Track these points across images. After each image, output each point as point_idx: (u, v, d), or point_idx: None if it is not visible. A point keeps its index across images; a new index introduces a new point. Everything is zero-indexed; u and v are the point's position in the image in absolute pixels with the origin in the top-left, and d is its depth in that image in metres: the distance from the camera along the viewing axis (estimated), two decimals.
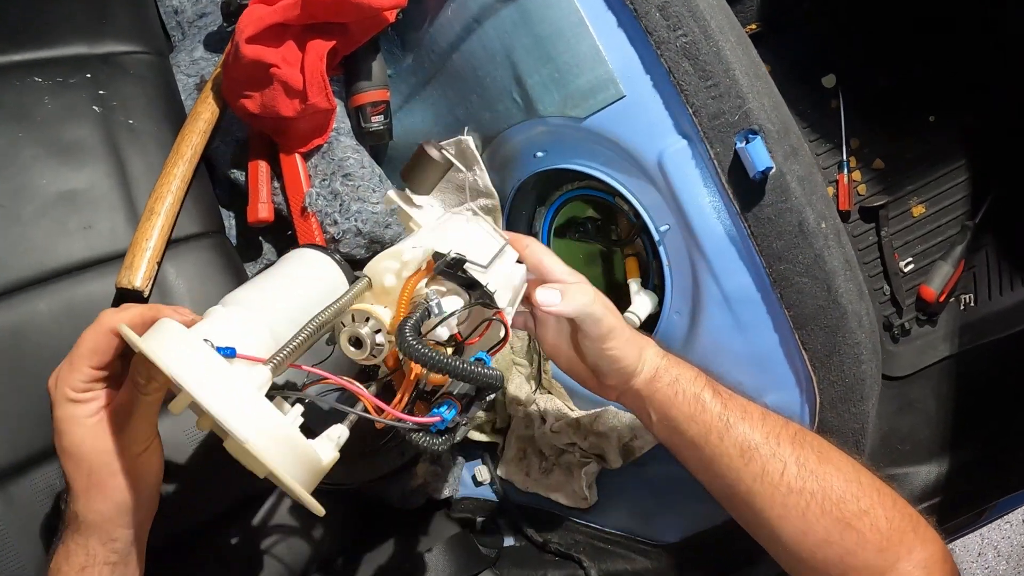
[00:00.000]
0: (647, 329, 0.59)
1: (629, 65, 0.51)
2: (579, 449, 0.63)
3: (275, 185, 0.63)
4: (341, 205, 0.60)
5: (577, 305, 0.42)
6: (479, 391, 0.35)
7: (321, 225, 0.61)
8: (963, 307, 0.70)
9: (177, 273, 0.55)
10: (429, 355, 0.31)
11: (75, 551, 0.36)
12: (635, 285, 0.60)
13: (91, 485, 0.36)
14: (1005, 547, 1.15)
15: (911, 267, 0.73)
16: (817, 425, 0.52)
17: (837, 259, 0.50)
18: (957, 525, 0.57)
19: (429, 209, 0.46)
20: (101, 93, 0.57)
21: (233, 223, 0.69)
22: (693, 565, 0.58)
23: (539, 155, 0.61)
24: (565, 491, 0.64)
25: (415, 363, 0.33)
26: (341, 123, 0.63)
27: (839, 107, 0.76)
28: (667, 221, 0.54)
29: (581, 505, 0.63)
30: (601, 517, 0.63)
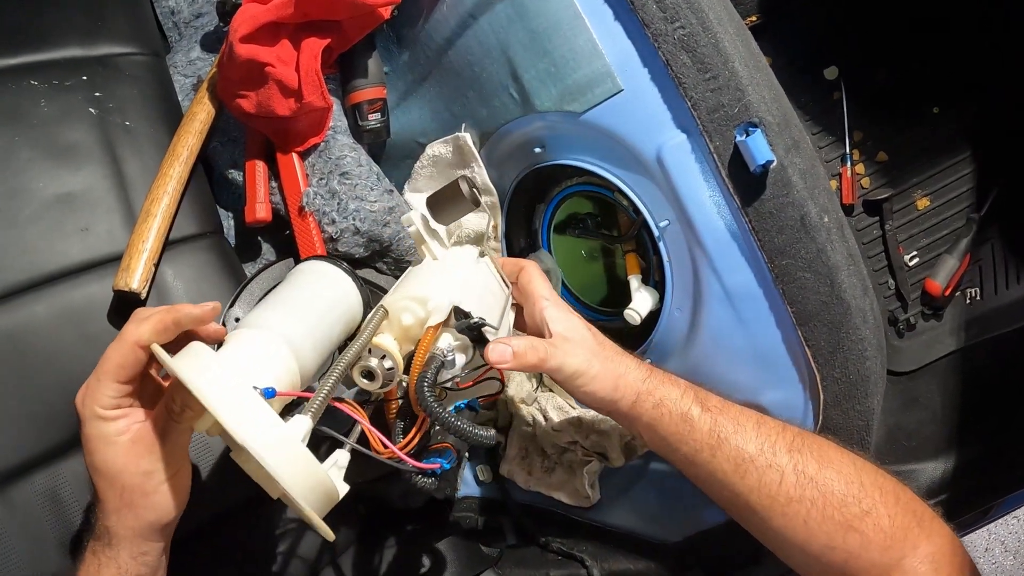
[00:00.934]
0: (648, 326, 0.58)
1: (626, 58, 0.50)
2: (581, 447, 0.62)
3: (273, 185, 0.63)
4: (339, 204, 0.60)
5: (526, 362, 0.41)
6: (470, 445, 0.38)
7: (319, 224, 0.60)
8: (969, 301, 0.69)
9: (175, 274, 0.55)
10: (445, 417, 0.34)
11: (106, 563, 0.37)
12: (635, 281, 0.60)
13: (123, 504, 0.36)
14: (1012, 542, 1.14)
15: (916, 261, 0.72)
16: (821, 423, 0.51)
17: (840, 254, 0.50)
18: (964, 523, 0.56)
19: (442, 231, 0.50)
20: (97, 95, 0.57)
21: (231, 223, 0.69)
22: (697, 564, 0.57)
23: (537, 151, 0.60)
24: (567, 490, 0.63)
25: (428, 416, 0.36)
26: (338, 121, 0.63)
27: (841, 99, 0.75)
28: (667, 216, 0.53)
29: (583, 504, 0.63)
30: (604, 516, 0.63)
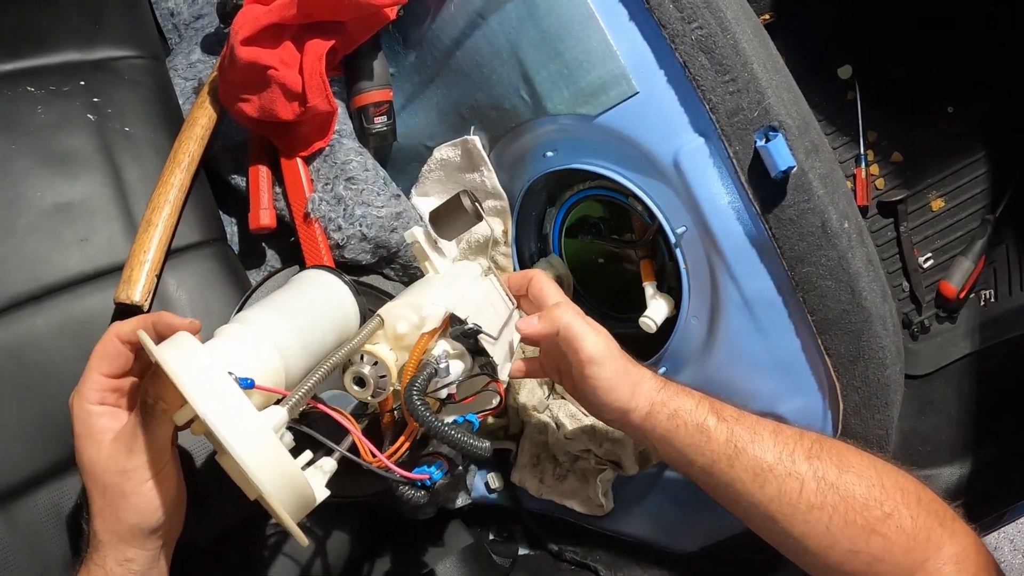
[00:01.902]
0: (663, 334, 0.57)
1: (642, 60, 0.49)
2: (594, 456, 0.61)
3: (277, 190, 0.62)
4: (345, 210, 0.58)
5: (553, 322, 0.43)
6: (464, 457, 0.37)
7: (325, 231, 0.59)
8: (984, 303, 0.68)
9: (178, 284, 0.54)
10: (434, 424, 0.33)
11: (94, 570, 0.36)
12: (651, 289, 0.59)
13: (106, 506, 0.36)
14: (1021, 541, 1.14)
15: (930, 263, 0.71)
16: (840, 432, 0.50)
17: (860, 260, 0.49)
18: (979, 526, 0.55)
19: (444, 247, 0.49)
20: (96, 100, 0.56)
21: (235, 229, 0.67)
22: (713, 575, 0.56)
23: (549, 155, 0.59)
24: (580, 498, 0.63)
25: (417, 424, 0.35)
26: (343, 125, 0.61)
27: (856, 99, 0.74)
28: (684, 223, 0.52)
29: (597, 513, 0.62)
30: (617, 525, 0.62)
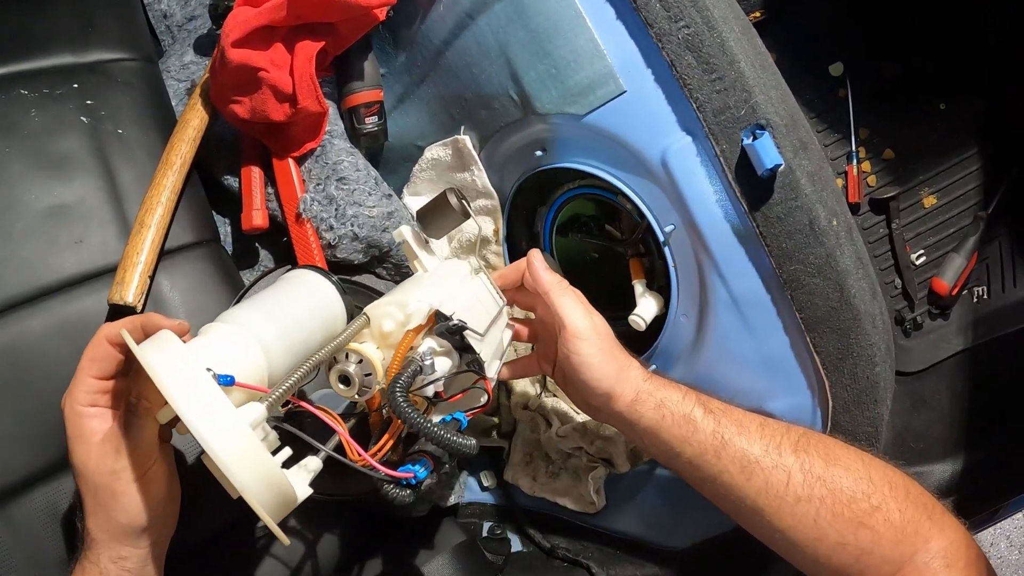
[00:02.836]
0: (652, 332, 0.58)
1: (629, 59, 0.49)
2: (586, 453, 0.62)
3: (270, 191, 0.62)
4: (337, 210, 0.59)
5: (544, 282, 0.45)
6: (451, 455, 0.37)
7: (317, 231, 0.59)
8: (976, 300, 0.68)
9: (171, 285, 0.54)
10: (417, 420, 0.33)
11: (89, 568, 0.37)
12: (640, 287, 0.59)
13: (97, 506, 0.37)
14: (1018, 537, 1.14)
15: (923, 260, 0.71)
16: (830, 429, 0.50)
17: (849, 258, 0.49)
18: (972, 523, 0.55)
19: (435, 246, 0.49)
20: (89, 103, 0.56)
21: (229, 230, 0.68)
22: (704, 572, 0.57)
23: (538, 154, 0.59)
24: (572, 495, 0.63)
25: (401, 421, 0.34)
26: (334, 125, 0.62)
27: (847, 96, 0.74)
28: (672, 221, 0.52)
29: (589, 510, 0.62)
30: (609, 522, 0.63)
